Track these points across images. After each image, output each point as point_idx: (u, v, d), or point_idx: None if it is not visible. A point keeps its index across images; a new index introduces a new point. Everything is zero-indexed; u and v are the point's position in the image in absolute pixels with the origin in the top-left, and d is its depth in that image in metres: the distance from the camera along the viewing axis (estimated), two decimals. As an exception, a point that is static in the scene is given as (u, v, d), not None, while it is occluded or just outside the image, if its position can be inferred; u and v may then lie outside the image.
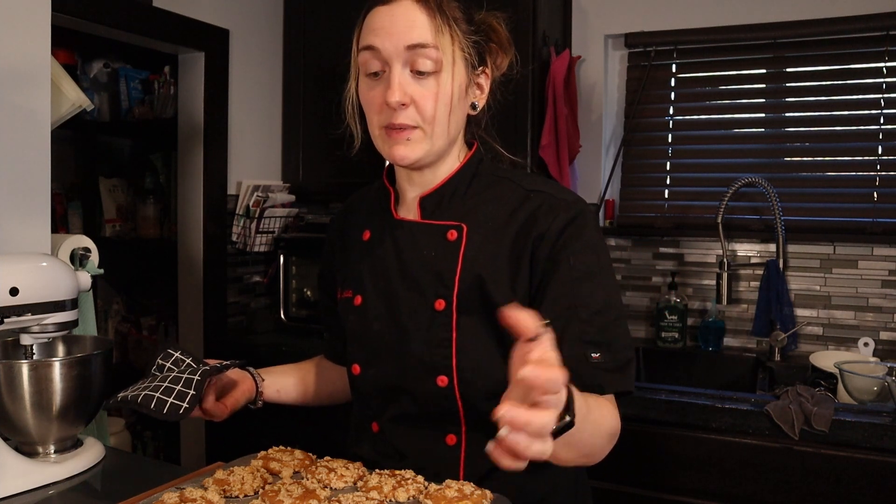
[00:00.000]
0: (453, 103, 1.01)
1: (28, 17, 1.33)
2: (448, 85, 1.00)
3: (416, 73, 0.99)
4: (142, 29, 2.14)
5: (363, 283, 1.12)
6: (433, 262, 1.05)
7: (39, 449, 1.14)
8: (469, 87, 1.05)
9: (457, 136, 1.08)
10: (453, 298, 1.03)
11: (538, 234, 1.01)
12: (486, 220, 1.05)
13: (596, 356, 0.98)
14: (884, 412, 1.61)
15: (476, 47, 1.04)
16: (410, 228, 1.08)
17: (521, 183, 1.08)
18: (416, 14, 0.98)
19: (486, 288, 1.02)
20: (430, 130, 1.01)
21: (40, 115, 1.37)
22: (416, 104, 0.99)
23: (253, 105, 2.54)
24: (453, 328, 1.02)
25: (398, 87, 0.98)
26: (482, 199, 1.07)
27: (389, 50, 0.98)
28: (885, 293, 2.18)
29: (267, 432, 1.96)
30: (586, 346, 0.98)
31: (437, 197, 1.08)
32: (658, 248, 2.46)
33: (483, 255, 1.03)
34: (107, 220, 2.98)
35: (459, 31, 1.01)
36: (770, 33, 2.25)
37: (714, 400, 1.71)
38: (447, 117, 1.01)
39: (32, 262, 1.15)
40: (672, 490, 1.74)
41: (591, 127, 2.50)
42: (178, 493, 0.93)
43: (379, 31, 0.99)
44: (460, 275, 1.03)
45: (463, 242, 1.04)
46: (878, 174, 2.18)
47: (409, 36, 0.97)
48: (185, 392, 1.04)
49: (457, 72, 1.01)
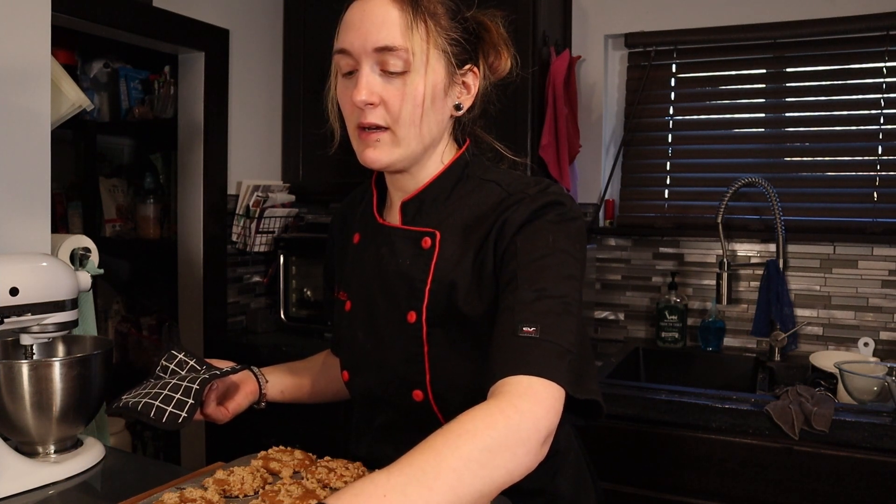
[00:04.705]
0: (426, 104, 0.97)
1: (28, 17, 1.33)
2: (419, 86, 0.95)
3: (385, 72, 0.96)
4: (142, 29, 2.14)
5: (352, 288, 1.11)
6: (407, 271, 1.01)
7: (39, 449, 1.14)
8: (450, 86, 1.00)
9: (436, 139, 1.02)
10: (423, 310, 0.99)
11: (500, 226, 0.96)
12: (459, 225, 1.01)
13: (529, 330, 0.85)
14: (884, 412, 1.61)
15: (460, 45, 0.99)
16: (391, 234, 1.05)
17: (507, 186, 1.02)
18: (388, 9, 0.94)
19: (456, 296, 0.98)
20: (400, 132, 0.97)
21: (40, 115, 1.37)
22: (386, 104, 0.96)
23: (253, 105, 2.54)
24: (424, 342, 0.99)
25: (365, 86, 0.95)
26: (463, 203, 1.02)
27: (358, 51, 0.95)
28: (885, 293, 2.18)
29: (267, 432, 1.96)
30: (518, 320, 0.86)
31: (418, 202, 1.04)
32: (658, 248, 2.46)
33: (453, 262, 0.99)
34: (107, 220, 2.98)
35: (438, 28, 0.97)
36: (770, 33, 2.25)
37: (714, 400, 1.71)
38: (419, 119, 0.97)
39: (32, 262, 1.15)
40: (672, 490, 1.74)
41: (591, 127, 2.50)
42: (178, 493, 0.93)
43: (350, 30, 0.96)
44: (430, 285, 0.99)
45: (436, 250, 1.00)
46: (878, 174, 2.18)
47: (377, 37, 0.94)
48: (184, 401, 1.04)
49: (431, 71, 0.96)
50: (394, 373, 1.03)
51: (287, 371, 1.28)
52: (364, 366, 1.08)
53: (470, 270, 0.98)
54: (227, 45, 2.40)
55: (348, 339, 1.10)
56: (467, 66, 1.01)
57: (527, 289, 0.89)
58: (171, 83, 2.68)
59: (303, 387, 1.28)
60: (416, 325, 1.00)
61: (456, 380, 0.99)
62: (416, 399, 1.01)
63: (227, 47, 2.40)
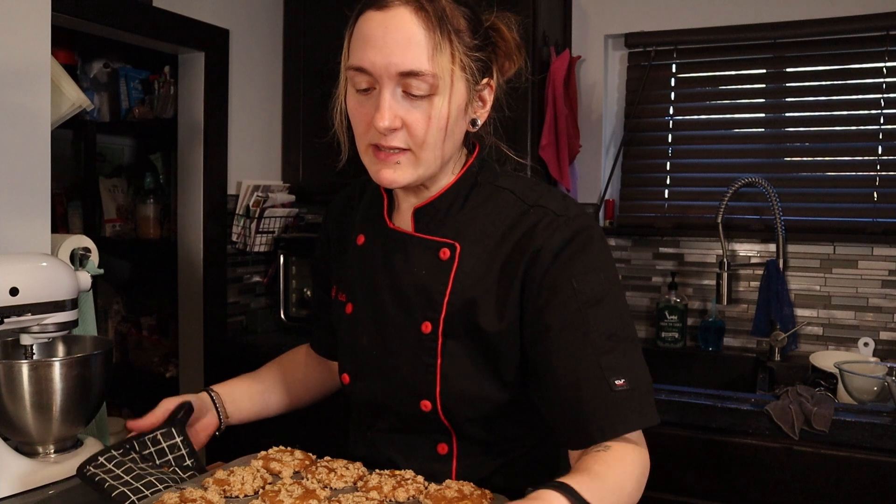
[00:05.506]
0: (449, 126, 0.93)
1: (28, 17, 1.33)
2: (444, 108, 0.91)
3: (408, 94, 0.90)
4: (142, 29, 2.14)
5: (355, 291, 1.08)
6: (423, 281, 0.99)
7: (39, 449, 1.14)
8: (470, 103, 0.96)
9: (452, 154, 1.00)
10: (440, 322, 0.98)
11: (533, 252, 0.94)
12: (480, 238, 0.99)
13: (620, 383, 0.90)
14: (884, 412, 1.61)
15: (480, 60, 0.95)
16: (403, 240, 1.03)
17: (522, 196, 1.00)
18: (413, 28, 0.88)
19: (475, 311, 0.96)
20: (420, 155, 0.93)
21: (40, 115, 1.37)
22: (408, 127, 0.92)
23: (253, 105, 2.54)
24: (438, 353, 0.98)
25: (388, 110, 0.90)
26: (479, 212, 1.00)
27: (380, 72, 0.89)
28: (885, 293, 2.18)
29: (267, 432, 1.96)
30: (608, 374, 0.90)
31: (432, 209, 1.01)
32: (658, 248, 2.46)
33: (474, 277, 0.97)
34: (107, 220, 2.98)
35: (462, 46, 0.92)
36: (770, 33, 2.25)
37: (714, 400, 1.71)
38: (441, 141, 0.94)
39: (32, 262, 1.15)
40: (672, 490, 1.74)
41: (591, 127, 2.50)
42: (178, 493, 0.93)
43: (370, 47, 0.89)
44: (449, 297, 0.98)
45: (455, 262, 0.98)
46: (878, 174, 2.18)
47: (402, 60, 0.88)
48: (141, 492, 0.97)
49: (455, 93, 0.92)
50: (402, 381, 1.01)
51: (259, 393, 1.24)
52: (368, 372, 1.07)
53: (492, 288, 0.97)
54: (227, 45, 2.40)
55: (349, 343, 1.09)
56: (485, 81, 0.98)
57: (600, 335, 0.92)
58: (171, 83, 2.68)
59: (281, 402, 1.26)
60: (431, 337, 0.99)
61: (466, 391, 0.99)
62: (424, 409, 1.00)
63: (227, 47, 2.40)
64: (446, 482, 0.97)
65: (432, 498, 0.93)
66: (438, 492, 0.94)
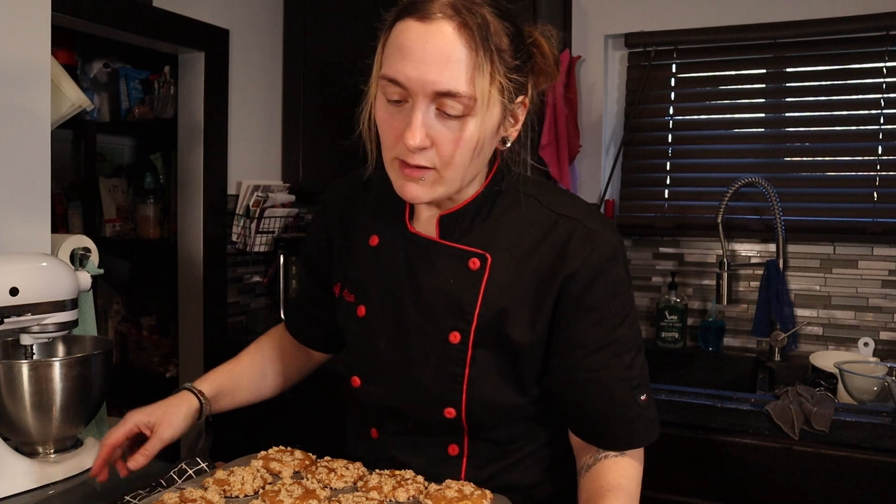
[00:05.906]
0: (478, 148, 0.90)
1: (28, 17, 1.33)
2: (476, 131, 0.88)
3: (441, 112, 0.87)
4: (142, 29, 2.14)
5: (368, 294, 1.05)
6: (452, 291, 0.98)
7: (39, 449, 1.14)
8: (502, 123, 0.94)
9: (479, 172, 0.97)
10: (471, 332, 0.97)
11: (569, 272, 0.94)
12: (508, 247, 0.97)
13: (644, 398, 0.98)
14: (884, 412, 1.61)
15: (517, 81, 0.91)
16: (427, 247, 1.00)
17: (549, 204, 0.99)
18: (455, 46, 0.84)
19: (506, 322, 0.96)
20: (445, 174, 0.91)
21: (40, 115, 1.37)
22: (437, 147, 0.88)
23: (253, 105, 2.54)
24: (467, 363, 0.98)
25: (419, 129, 0.86)
26: (506, 221, 0.99)
27: (415, 87, 0.85)
28: (885, 293, 2.18)
29: (267, 432, 1.96)
30: (635, 391, 0.97)
31: (459, 217, 0.99)
32: (658, 248, 2.46)
33: (504, 287, 0.96)
34: (107, 220, 2.98)
35: (502, 67, 0.88)
36: (770, 33, 2.25)
37: (714, 400, 1.71)
38: (468, 162, 0.91)
39: (32, 262, 1.15)
40: (672, 490, 1.74)
41: (591, 127, 2.50)
42: (178, 493, 0.93)
43: (407, 60, 0.85)
44: (480, 308, 0.96)
45: (486, 273, 0.97)
46: (878, 174, 2.18)
47: (440, 79, 0.84)
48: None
49: (489, 116, 0.89)
50: (425, 389, 1.00)
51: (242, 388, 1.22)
52: (385, 377, 1.05)
53: (525, 300, 0.97)
54: (227, 45, 2.40)
55: (362, 346, 1.07)
56: (519, 99, 0.95)
57: (628, 351, 0.97)
58: (171, 83, 2.68)
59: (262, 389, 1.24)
60: (460, 347, 0.98)
61: (490, 398, 0.99)
62: (447, 416, 0.99)
63: (227, 47, 2.40)
64: (446, 482, 0.97)
65: (432, 498, 0.93)
66: (438, 492, 0.94)
